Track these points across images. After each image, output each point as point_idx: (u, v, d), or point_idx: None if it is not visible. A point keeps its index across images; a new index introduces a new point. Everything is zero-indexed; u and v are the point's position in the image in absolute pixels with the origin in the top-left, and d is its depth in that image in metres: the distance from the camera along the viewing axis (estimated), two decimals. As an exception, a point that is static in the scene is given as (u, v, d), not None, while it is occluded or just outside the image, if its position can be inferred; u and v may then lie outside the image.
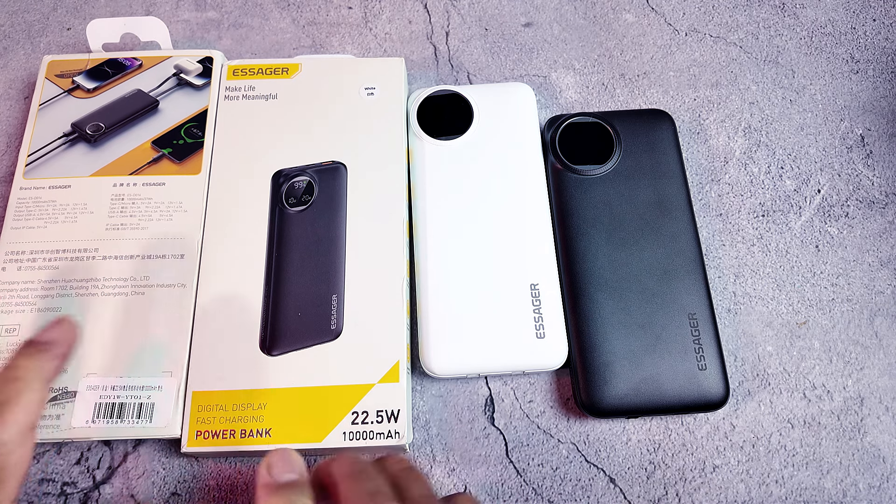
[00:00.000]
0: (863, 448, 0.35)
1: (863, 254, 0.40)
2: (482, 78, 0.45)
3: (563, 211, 0.38)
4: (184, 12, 0.48)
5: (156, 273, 0.36)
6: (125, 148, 0.39)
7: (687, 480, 0.35)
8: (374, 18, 0.47)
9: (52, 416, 0.33)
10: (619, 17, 0.47)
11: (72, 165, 0.39)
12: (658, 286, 0.36)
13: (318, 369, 0.34)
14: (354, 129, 0.40)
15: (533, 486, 0.35)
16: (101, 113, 0.40)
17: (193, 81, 0.41)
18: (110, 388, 0.34)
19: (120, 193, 0.38)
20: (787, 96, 0.44)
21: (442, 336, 0.35)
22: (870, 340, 0.38)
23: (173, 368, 0.34)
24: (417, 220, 0.38)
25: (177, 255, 0.37)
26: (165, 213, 0.38)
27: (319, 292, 0.36)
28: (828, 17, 0.47)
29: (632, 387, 0.34)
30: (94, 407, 0.34)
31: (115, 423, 0.33)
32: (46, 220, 0.37)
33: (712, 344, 0.35)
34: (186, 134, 0.40)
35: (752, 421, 0.36)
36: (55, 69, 0.42)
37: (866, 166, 0.42)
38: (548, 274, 0.37)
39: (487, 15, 0.47)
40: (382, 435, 0.33)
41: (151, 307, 0.36)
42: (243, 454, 0.35)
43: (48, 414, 0.33)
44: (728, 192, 0.41)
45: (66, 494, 0.35)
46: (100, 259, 0.37)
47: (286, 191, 0.38)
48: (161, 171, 0.39)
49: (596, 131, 0.40)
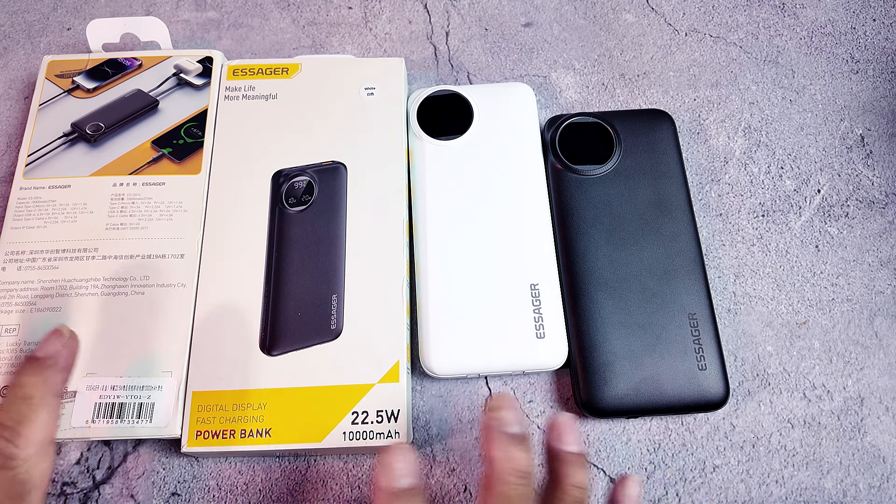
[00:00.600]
0: (863, 448, 0.35)
1: (863, 254, 0.40)
2: (482, 78, 0.45)
3: (563, 211, 0.38)
4: (184, 12, 0.48)
5: (156, 273, 0.36)
6: (125, 148, 0.39)
7: (687, 480, 0.35)
8: (374, 18, 0.47)
9: None
10: (619, 17, 0.47)
11: (72, 165, 0.39)
12: (658, 286, 0.36)
13: (318, 369, 0.34)
14: (354, 129, 0.40)
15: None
16: (101, 113, 0.40)
17: (193, 81, 0.41)
18: (110, 387, 0.34)
19: (120, 193, 0.38)
20: (787, 96, 0.44)
21: (442, 336, 0.35)
22: (870, 340, 0.38)
23: (173, 368, 0.34)
24: (417, 220, 0.38)
25: (177, 255, 0.37)
26: (165, 213, 0.38)
27: (319, 292, 0.36)
28: (828, 17, 0.47)
29: (632, 387, 0.34)
30: (94, 407, 0.34)
31: (116, 423, 0.33)
32: (46, 220, 0.37)
33: (712, 344, 0.35)
34: (186, 134, 0.40)
35: (752, 421, 0.36)
36: (55, 69, 0.42)
37: (866, 166, 0.42)
38: (548, 274, 0.37)
39: (487, 15, 0.47)
40: (382, 435, 0.33)
41: (151, 307, 0.36)
42: (243, 454, 0.35)
43: None
44: (728, 192, 0.41)
45: (65, 494, 0.35)
46: (99, 259, 0.37)
47: (286, 191, 0.38)
48: (161, 170, 0.39)
49: (596, 131, 0.40)
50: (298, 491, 0.35)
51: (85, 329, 0.35)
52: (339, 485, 0.35)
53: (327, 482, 0.35)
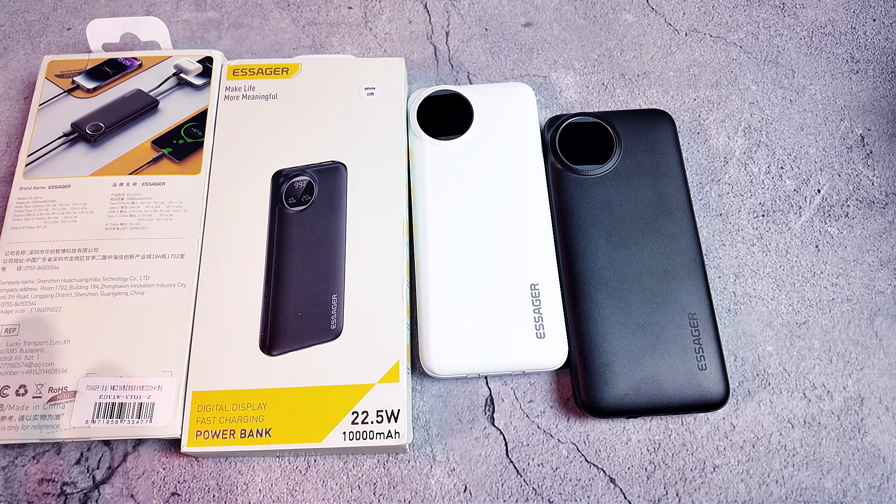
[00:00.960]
0: (863, 448, 0.35)
1: (863, 254, 0.40)
2: (482, 78, 0.45)
3: (563, 211, 0.38)
4: (184, 12, 0.48)
5: (155, 273, 0.36)
6: (125, 148, 0.39)
7: (687, 480, 0.35)
8: (374, 18, 0.47)
9: (52, 416, 0.33)
10: (619, 17, 0.47)
11: (72, 165, 0.39)
12: (658, 286, 0.36)
13: (318, 369, 0.34)
14: (354, 128, 0.40)
15: (533, 486, 0.35)
16: (101, 113, 0.40)
17: (193, 81, 0.41)
18: (110, 387, 0.34)
19: (120, 193, 0.38)
20: (787, 96, 0.44)
21: (442, 336, 0.35)
22: (870, 340, 0.38)
23: (173, 368, 0.34)
24: (417, 220, 0.38)
25: (177, 255, 0.37)
26: (165, 213, 0.38)
27: (319, 292, 0.36)
28: (828, 17, 0.47)
29: (632, 387, 0.34)
30: (93, 407, 0.34)
31: (115, 422, 0.33)
32: (46, 220, 0.37)
33: (712, 344, 0.35)
34: (186, 134, 0.40)
35: (752, 421, 0.36)
36: (55, 69, 0.42)
37: (866, 166, 0.42)
38: (548, 274, 0.37)
39: (487, 15, 0.47)
40: (382, 435, 0.33)
41: (151, 307, 0.36)
42: (243, 454, 0.35)
43: (48, 414, 0.33)
44: (728, 192, 0.41)
45: (65, 494, 0.35)
46: (99, 259, 0.37)
47: (286, 191, 0.38)
48: (161, 170, 0.39)
49: (596, 131, 0.40)
50: (298, 490, 0.35)
51: (85, 329, 0.35)
52: (339, 485, 0.35)
53: (327, 482, 0.35)
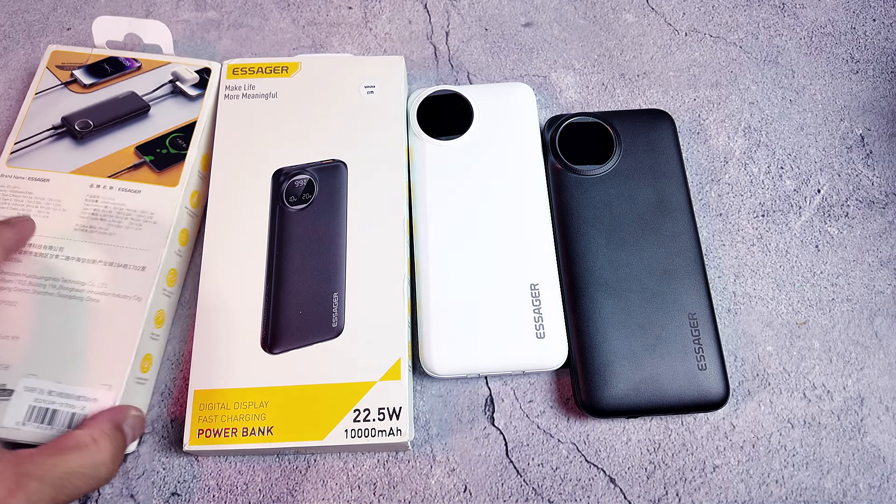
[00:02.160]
0: (863, 448, 0.35)
1: (863, 254, 0.40)
2: (482, 78, 0.45)
3: (563, 211, 0.38)
4: (184, 12, 0.48)
5: (114, 282, 0.35)
6: (109, 149, 0.39)
7: (687, 480, 0.35)
8: (374, 18, 0.47)
9: None
10: (619, 17, 0.47)
11: (55, 160, 0.38)
12: (658, 286, 0.36)
13: (319, 367, 0.34)
14: (355, 127, 0.40)
15: (533, 486, 0.35)
16: (92, 110, 0.40)
17: (188, 91, 0.41)
18: (47, 392, 0.33)
19: (95, 195, 0.37)
20: (787, 96, 0.44)
21: (442, 336, 0.35)
22: (870, 340, 0.38)
23: (113, 381, 0.33)
24: (417, 220, 0.38)
25: (138, 267, 0.36)
26: (135, 223, 0.37)
27: (320, 290, 0.36)
28: (828, 17, 0.47)
29: (632, 387, 0.34)
30: (27, 409, 0.33)
31: (46, 429, 0.32)
32: (20, 212, 0.37)
33: (712, 344, 0.35)
34: (171, 144, 0.39)
35: (752, 421, 0.36)
36: (57, 59, 0.41)
37: (866, 166, 0.42)
38: (548, 274, 0.37)
39: (487, 15, 0.47)
40: (384, 432, 0.33)
41: (103, 316, 0.34)
42: (245, 452, 0.35)
43: None
44: (728, 192, 0.41)
45: (65, 493, 0.35)
46: (63, 259, 0.36)
47: (287, 189, 0.38)
48: (139, 178, 0.38)
49: (596, 131, 0.40)
50: (298, 490, 0.35)
51: (35, 328, 0.34)
52: (339, 484, 0.35)
53: (327, 481, 0.35)
